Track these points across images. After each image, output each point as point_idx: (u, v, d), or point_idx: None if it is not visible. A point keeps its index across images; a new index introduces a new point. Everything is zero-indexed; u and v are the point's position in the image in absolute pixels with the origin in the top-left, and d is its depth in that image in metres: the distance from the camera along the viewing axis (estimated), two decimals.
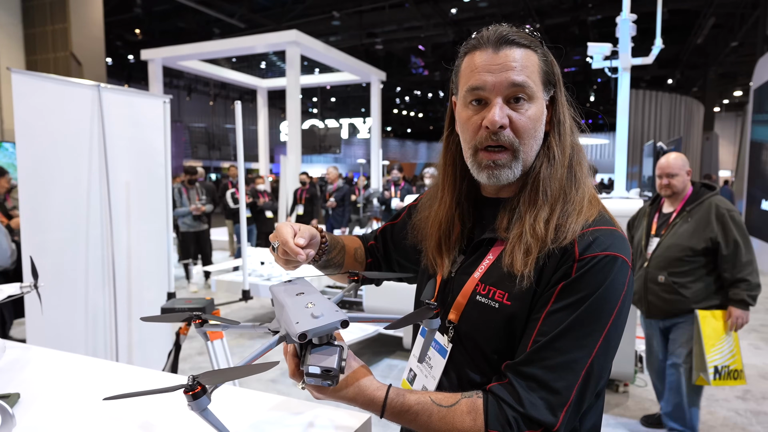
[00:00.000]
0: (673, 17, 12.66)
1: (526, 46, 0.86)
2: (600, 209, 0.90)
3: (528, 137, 0.87)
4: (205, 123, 23.22)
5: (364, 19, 13.93)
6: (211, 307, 2.52)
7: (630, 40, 3.86)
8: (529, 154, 0.88)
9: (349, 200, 8.40)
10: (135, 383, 1.20)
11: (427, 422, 0.80)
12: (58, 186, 2.85)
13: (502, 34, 0.86)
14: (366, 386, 0.80)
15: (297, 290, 0.83)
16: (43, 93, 2.77)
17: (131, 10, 14.23)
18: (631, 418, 3.29)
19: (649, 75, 17.82)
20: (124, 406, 1.05)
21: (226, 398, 1.12)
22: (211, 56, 9.94)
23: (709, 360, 2.65)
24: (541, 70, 0.87)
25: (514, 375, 0.81)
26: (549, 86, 0.89)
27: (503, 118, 0.84)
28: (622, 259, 0.82)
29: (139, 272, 3.26)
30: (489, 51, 0.86)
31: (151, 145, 3.26)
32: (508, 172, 0.88)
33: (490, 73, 0.85)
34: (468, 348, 0.91)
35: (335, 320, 0.72)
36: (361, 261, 1.17)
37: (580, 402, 0.79)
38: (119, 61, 18.51)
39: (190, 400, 0.67)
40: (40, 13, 13.59)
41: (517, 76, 0.84)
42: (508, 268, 0.85)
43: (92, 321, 3.05)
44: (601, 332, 0.80)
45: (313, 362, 0.72)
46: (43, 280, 2.72)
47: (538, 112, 0.87)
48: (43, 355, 1.49)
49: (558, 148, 0.89)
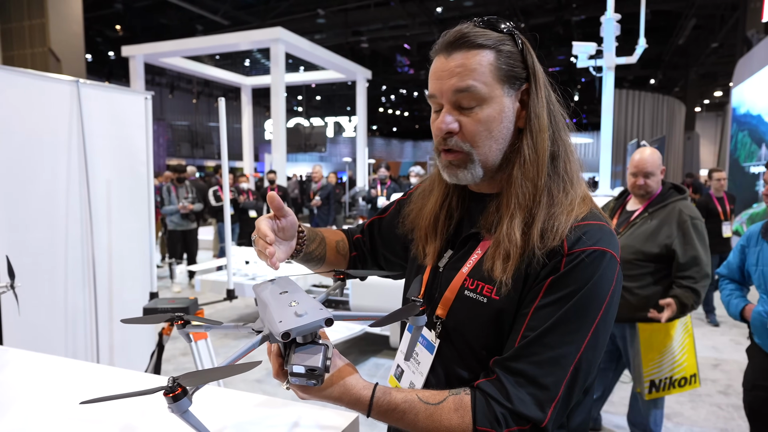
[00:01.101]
0: (655, 18, 12.83)
1: (480, 46, 0.83)
2: (591, 206, 0.88)
3: (480, 140, 0.85)
4: (188, 121, 22.97)
5: (349, 17, 13.89)
6: (194, 307, 2.48)
7: (614, 40, 3.89)
8: (488, 155, 0.87)
9: (334, 199, 8.37)
10: (116, 385, 1.18)
11: (414, 420, 0.79)
12: (35, 184, 2.78)
13: (453, 38, 0.85)
14: (352, 385, 0.79)
15: (281, 289, 0.81)
16: (19, 88, 2.69)
17: (112, 5, 13.99)
18: (615, 414, 3.32)
19: (632, 75, 18.08)
20: (105, 408, 1.02)
21: (210, 399, 1.09)
22: (194, 53, 9.82)
23: (646, 375, 2.50)
24: (497, 68, 0.84)
25: (502, 371, 0.80)
26: (513, 82, 0.86)
27: (450, 124, 0.85)
28: (610, 254, 0.82)
29: (121, 272, 3.20)
30: (441, 57, 0.86)
31: (133, 142, 3.20)
32: (465, 173, 0.87)
33: (439, 80, 0.85)
34: (456, 344, 0.90)
35: (319, 318, 0.70)
36: (344, 254, 1.16)
37: (568, 397, 0.79)
38: (99, 57, 18.19)
39: (171, 403, 0.65)
40: (17, 8, 13.29)
41: (461, 81, 0.83)
42: (489, 273, 0.85)
43: (72, 322, 2.98)
44: (590, 327, 0.79)
45: (298, 361, 0.71)
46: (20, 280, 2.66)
47: (494, 112, 0.84)
48: (20, 357, 1.45)
49: (529, 147, 0.86)
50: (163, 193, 6.73)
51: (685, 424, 3.22)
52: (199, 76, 13.57)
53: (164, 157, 19.89)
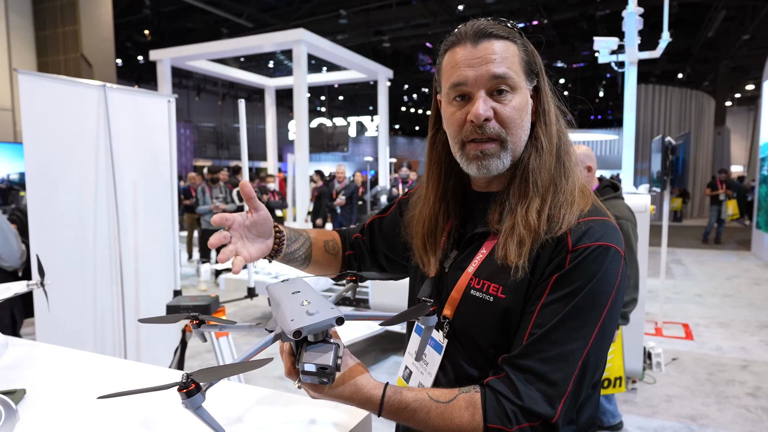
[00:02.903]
0: (683, 10, 12.51)
1: (504, 37, 0.86)
2: (592, 200, 0.90)
3: (515, 127, 0.86)
4: (213, 123, 23.34)
5: (371, 17, 13.92)
6: (215, 305, 2.54)
7: (636, 34, 3.82)
8: (517, 144, 0.88)
9: (357, 198, 8.41)
10: (140, 380, 1.22)
11: (426, 419, 0.79)
12: (65, 185, 2.88)
13: (480, 27, 0.86)
14: (363, 384, 0.79)
15: (293, 289, 0.83)
16: (49, 93, 2.79)
17: (140, 11, 14.34)
18: (639, 415, 3.27)
19: (658, 70, 17.63)
20: (127, 403, 1.07)
21: (230, 394, 1.13)
22: (219, 56, 9.96)
23: None
24: (522, 60, 0.87)
25: (511, 368, 0.80)
26: (531, 76, 0.89)
27: (487, 111, 0.84)
28: (614, 248, 0.82)
29: (147, 270, 3.29)
30: (468, 46, 0.86)
31: (157, 144, 3.28)
32: (497, 161, 0.87)
33: (471, 67, 0.85)
34: (464, 343, 0.91)
35: (330, 317, 0.72)
36: (335, 253, 1.16)
37: (577, 393, 0.79)
38: (129, 62, 18.65)
39: (184, 398, 0.67)
40: (51, 16, 13.73)
41: (498, 68, 0.84)
42: (502, 261, 0.85)
43: (100, 319, 3.08)
44: (597, 322, 0.80)
45: (309, 360, 0.72)
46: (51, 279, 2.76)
47: (523, 101, 0.87)
48: (50, 352, 1.51)
49: (545, 137, 0.89)
50: (198, 193, 6.97)
51: (711, 426, 3.15)
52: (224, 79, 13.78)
53: (191, 158, 20.24)
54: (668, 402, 3.46)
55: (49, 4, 13.71)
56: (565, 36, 15.01)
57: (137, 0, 13.97)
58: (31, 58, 13.92)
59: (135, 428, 1.02)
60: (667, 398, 3.51)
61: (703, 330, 5.02)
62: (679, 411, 3.34)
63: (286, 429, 1.01)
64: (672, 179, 4.58)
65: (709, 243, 11.13)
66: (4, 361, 1.44)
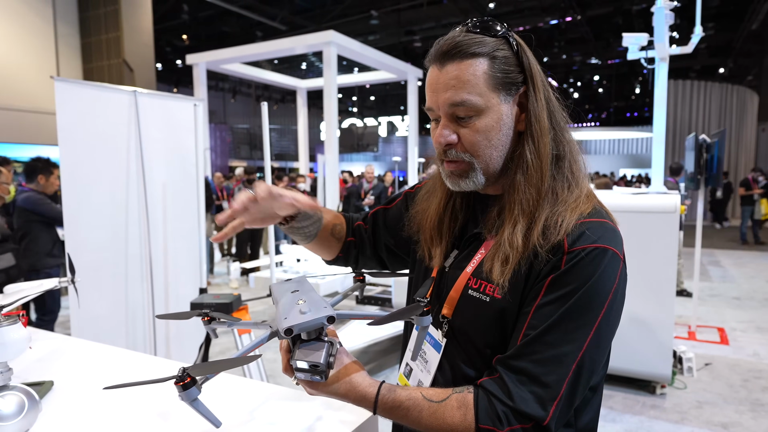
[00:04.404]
0: (724, 3, 12.02)
1: (473, 55, 0.83)
2: (594, 203, 0.88)
3: (480, 149, 0.86)
4: (248, 124, 23.80)
5: (402, 17, 13.92)
6: (238, 303, 2.60)
7: (667, 29, 3.71)
8: (489, 163, 0.87)
9: (386, 198, 8.45)
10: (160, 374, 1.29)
11: (418, 418, 0.81)
12: (98, 187, 3.01)
13: (443, 50, 0.85)
14: (358, 382, 0.81)
15: (293, 288, 0.85)
16: (83, 99, 2.93)
17: (179, 16, 14.77)
18: (667, 421, 3.18)
19: (698, 65, 16.97)
20: (145, 395, 1.12)
21: (247, 391, 1.18)
22: (252, 59, 10.18)
23: None
24: (492, 77, 0.83)
25: (504, 369, 0.81)
26: (510, 87, 0.85)
27: (448, 137, 0.86)
28: (612, 251, 0.81)
29: (175, 268, 3.41)
30: (435, 69, 0.86)
31: (185, 146, 3.39)
32: (467, 181, 0.88)
33: (435, 92, 0.86)
34: (461, 342, 0.91)
35: (321, 316, 0.74)
36: (339, 237, 1.15)
37: (571, 396, 0.79)
38: (168, 66, 19.24)
39: (180, 391, 0.70)
40: (96, 23, 14.30)
41: (456, 95, 0.83)
42: (487, 275, 0.86)
43: (132, 315, 3.21)
44: (592, 325, 0.79)
45: (301, 357, 0.75)
46: (85, 277, 2.89)
47: (491, 121, 0.85)
48: (79, 346, 1.60)
49: (532, 153, 0.86)
50: (235, 193, 7.20)
51: None
52: (257, 81, 14.05)
53: (226, 159, 20.69)
54: (699, 408, 3.35)
55: (94, 12, 14.28)
56: (600, 32, 14.64)
57: (176, 6, 14.40)
58: (77, 64, 14.52)
59: (153, 419, 1.08)
60: (697, 404, 3.40)
61: (739, 334, 4.84)
62: (710, 418, 3.23)
63: (293, 425, 1.05)
64: (706, 178, 4.43)
65: (750, 244, 10.67)
66: (35, 354, 1.53)
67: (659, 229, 3.29)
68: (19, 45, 12.93)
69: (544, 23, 13.90)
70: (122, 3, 13.59)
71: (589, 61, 17.64)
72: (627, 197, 3.45)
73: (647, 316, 3.38)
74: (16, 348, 1.08)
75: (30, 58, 13.08)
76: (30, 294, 1.49)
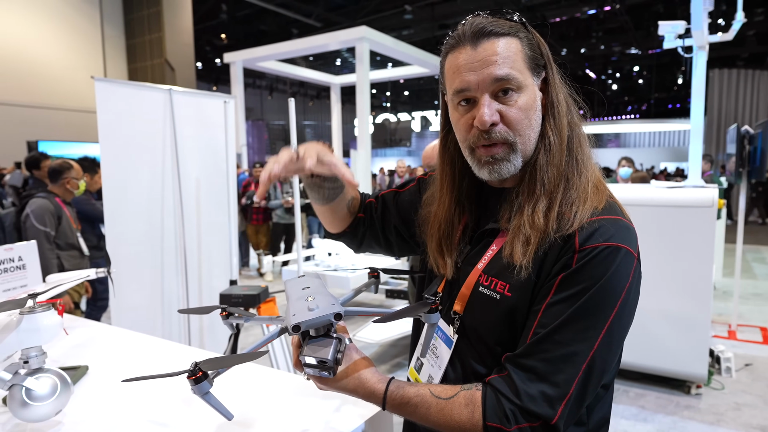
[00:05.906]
0: None
1: (505, 34, 0.83)
2: (607, 197, 0.87)
3: (523, 128, 0.84)
4: (284, 121, 24.17)
5: (435, 11, 13.84)
6: (265, 295, 2.68)
7: (706, 16, 3.57)
8: (527, 145, 0.86)
9: None
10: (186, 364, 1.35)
11: (426, 414, 0.81)
12: (136, 182, 3.14)
13: (478, 27, 0.83)
14: (367, 378, 0.82)
15: (304, 285, 0.87)
16: (122, 98, 3.05)
17: (218, 16, 15.13)
18: (701, 422, 3.09)
19: (746, 52, 16.16)
20: (171, 385, 1.18)
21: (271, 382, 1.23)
22: (286, 56, 10.33)
23: None
24: (526, 55, 0.84)
25: (513, 367, 0.80)
26: (538, 69, 0.86)
27: (492, 116, 0.82)
28: (626, 249, 0.80)
29: (209, 261, 3.52)
30: (468, 48, 0.83)
31: (217, 142, 3.49)
32: (508, 165, 0.86)
33: (473, 71, 0.82)
34: (472, 339, 0.91)
35: (328, 313, 0.75)
36: (353, 212, 1.14)
37: (581, 395, 0.78)
38: (208, 64, 19.76)
39: (192, 385, 0.74)
40: (139, 25, 14.82)
41: (500, 69, 0.81)
42: (508, 259, 0.84)
43: (167, 306, 3.34)
44: (603, 325, 0.78)
45: (309, 353, 0.76)
46: (123, 268, 3.02)
47: (530, 100, 0.84)
48: (114, 334, 1.68)
49: (554, 132, 0.86)
50: (270, 188, 7.29)
51: None
52: (293, 78, 14.26)
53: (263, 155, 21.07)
54: (736, 410, 3.24)
55: (138, 14, 14.80)
56: (640, 21, 14.14)
57: (215, 6, 14.76)
58: (122, 65, 15.10)
59: (178, 405, 1.14)
60: (735, 406, 3.29)
61: None
62: (748, 420, 3.12)
63: (310, 415, 1.09)
64: (749, 171, 4.25)
65: None
66: (73, 340, 1.62)
67: (695, 224, 3.18)
68: (68, 47, 13.55)
69: (582, 13, 13.54)
70: (164, 4, 14.06)
71: (628, 52, 17.08)
72: (662, 191, 3.35)
73: (682, 314, 3.28)
74: (49, 333, 1.14)
75: (79, 59, 13.70)
76: (67, 283, 1.57)
